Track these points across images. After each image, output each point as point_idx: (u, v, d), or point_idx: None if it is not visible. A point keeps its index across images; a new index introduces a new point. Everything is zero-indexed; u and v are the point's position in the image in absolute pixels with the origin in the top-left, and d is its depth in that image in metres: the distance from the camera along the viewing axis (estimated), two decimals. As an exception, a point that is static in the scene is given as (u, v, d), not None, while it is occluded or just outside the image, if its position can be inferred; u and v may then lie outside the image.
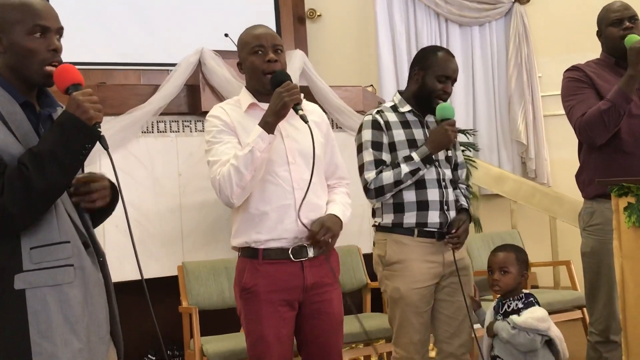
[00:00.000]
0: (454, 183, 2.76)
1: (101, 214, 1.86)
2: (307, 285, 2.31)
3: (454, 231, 2.63)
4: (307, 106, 2.39)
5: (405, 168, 2.59)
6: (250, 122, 2.31)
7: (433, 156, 2.61)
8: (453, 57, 2.73)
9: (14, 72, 1.74)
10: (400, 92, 2.79)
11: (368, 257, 4.38)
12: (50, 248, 1.66)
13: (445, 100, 2.67)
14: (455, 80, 2.71)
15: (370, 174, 2.63)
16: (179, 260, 3.82)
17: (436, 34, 6.12)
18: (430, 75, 2.66)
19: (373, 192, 2.63)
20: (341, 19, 6.36)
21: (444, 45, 6.07)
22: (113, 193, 1.84)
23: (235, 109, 2.36)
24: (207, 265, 3.73)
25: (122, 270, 3.39)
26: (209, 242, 3.97)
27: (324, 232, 2.28)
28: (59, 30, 1.76)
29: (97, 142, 1.69)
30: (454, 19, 6.14)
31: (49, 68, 1.71)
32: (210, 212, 3.97)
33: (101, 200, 1.78)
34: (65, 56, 1.79)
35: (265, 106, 2.30)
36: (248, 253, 2.32)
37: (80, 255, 1.70)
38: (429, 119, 2.75)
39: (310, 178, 2.24)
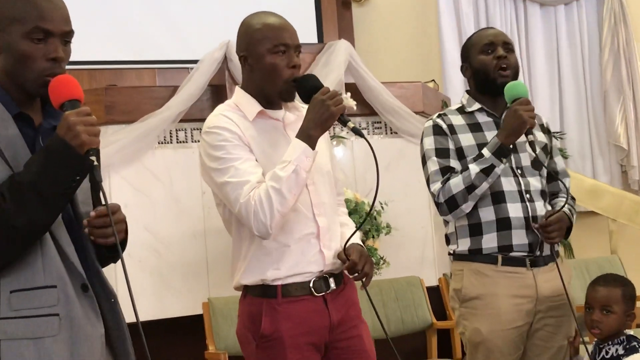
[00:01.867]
0: (548, 195, 2.71)
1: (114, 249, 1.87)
2: (334, 323, 2.34)
3: (545, 218, 2.58)
4: (298, 109, 2.41)
5: (475, 168, 2.56)
6: (261, 135, 2.31)
7: (508, 154, 2.56)
8: (491, 27, 2.80)
9: (10, 78, 1.77)
10: (468, 92, 2.80)
11: (432, 291, 4.37)
12: (32, 293, 1.68)
13: (507, 72, 2.65)
14: (506, 43, 2.70)
15: (437, 185, 2.63)
16: (204, 296, 3.85)
17: (512, 17, 6.06)
18: (475, 56, 2.70)
19: (444, 205, 2.62)
20: (395, 1, 6.36)
21: (523, 30, 6.03)
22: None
23: (239, 118, 2.33)
24: (237, 301, 3.73)
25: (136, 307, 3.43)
26: (239, 274, 3.99)
27: (364, 262, 2.32)
28: (66, 35, 1.77)
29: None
30: (534, -2, 6.08)
31: (47, 79, 1.73)
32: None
33: (113, 238, 1.77)
34: (70, 55, 1.82)
35: (275, 115, 2.34)
36: (261, 292, 2.32)
37: (69, 302, 1.71)
38: None
39: (372, 204, 2.30)
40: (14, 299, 1.66)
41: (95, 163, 1.67)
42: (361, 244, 2.42)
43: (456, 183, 2.58)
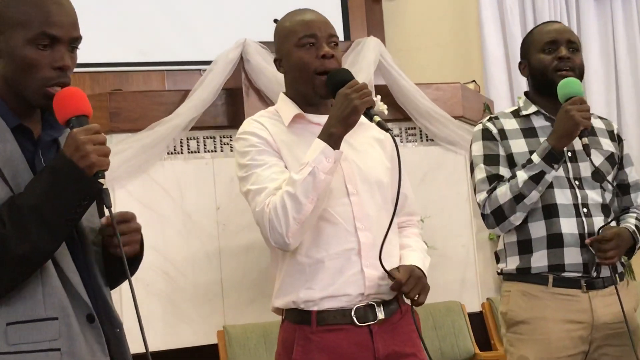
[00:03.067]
0: (613, 211, 2.68)
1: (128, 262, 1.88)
2: (380, 359, 2.28)
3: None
4: (364, 118, 2.37)
5: (523, 175, 2.55)
6: (296, 140, 2.32)
7: (560, 159, 2.54)
8: (556, 21, 2.79)
9: (10, 85, 1.78)
10: (526, 93, 2.81)
11: (475, 318, 4.34)
12: (31, 325, 1.68)
13: (569, 73, 2.64)
14: (571, 42, 2.69)
15: (482, 195, 2.63)
16: (219, 323, 3.87)
17: (562, 9, 6.05)
18: (534, 54, 2.70)
19: (491, 217, 2.62)
20: (430, -7, 6.37)
21: (574, 25, 6.01)
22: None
23: (275, 123, 2.36)
24: (255, 329, 3.76)
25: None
26: (258, 298, 4.00)
27: (413, 283, 2.25)
28: (73, 41, 1.79)
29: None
30: (587, -11, 6.07)
31: (51, 89, 1.74)
32: (259, 258, 4.00)
33: (128, 246, 1.80)
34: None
35: (314, 118, 2.32)
36: (296, 317, 2.31)
37: (72, 336, 1.71)
38: None
39: (392, 217, 2.22)
40: (11, 332, 1.67)
41: (105, 186, 1.68)
42: (419, 265, 2.32)
43: (503, 192, 2.58)
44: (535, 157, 2.55)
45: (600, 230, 2.59)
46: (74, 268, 1.76)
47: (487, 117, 2.77)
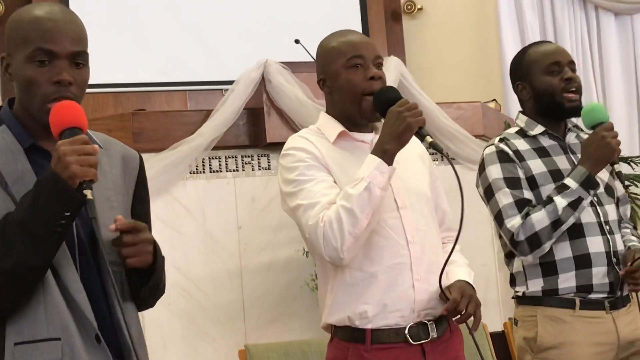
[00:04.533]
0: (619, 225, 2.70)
1: (143, 282, 1.86)
2: None
3: (630, 264, 2.54)
4: None
5: (561, 201, 2.52)
6: (344, 156, 2.32)
7: (596, 185, 2.54)
8: (548, 42, 2.80)
9: (23, 106, 1.81)
10: (523, 112, 2.78)
11: (497, 338, 4.30)
12: (35, 346, 1.69)
13: (576, 96, 2.64)
14: (572, 62, 2.69)
15: (515, 221, 2.58)
16: (241, 342, 3.85)
17: (583, 28, 6.04)
18: (537, 76, 2.68)
19: (525, 244, 2.57)
20: (450, 12, 6.38)
21: (595, 42, 5.99)
22: (156, 258, 1.85)
23: (320, 139, 2.37)
24: (278, 349, 3.74)
25: (165, 356, 3.45)
26: (279, 318, 4.00)
27: (467, 301, 2.25)
28: (75, 56, 1.79)
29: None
30: (607, 6, 6.05)
31: (50, 105, 1.75)
32: (280, 277, 4.00)
33: (137, 259, 1.79)
34: (91, 77, 1.85)
35: (359, 136, 2.34)
36: (349, 335, 2.29)
37: (75, 356, 1.70)
38: (572, 140, 2.71)
39: (457, 237, 2.22)
40: (18, 352, 1.68)
41: (90, 197, 1.66)
42: (468, 280, 2.34)
43: (539, 218, 2.54)
44: (572, 183, 2.53)
45: (620, 256, 2.58)
46: (80, 287, 1.75)
47: (497, 139, 2.72)
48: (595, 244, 2.57)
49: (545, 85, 2.66)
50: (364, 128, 2.36)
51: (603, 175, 2.64)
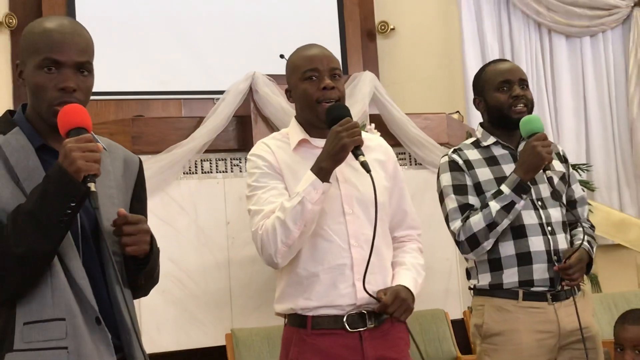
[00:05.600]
0: (569, 225, 2.70)
1: (140, 269, 1.86)
2: None
3: (564, 260, 2.56)
4: (369, 141, 2.37)
5: (495, 205, 2.54)
6: (299, 163, 2.31)
7: (528, 190, 2.55)
8: (505, 60, 2.79)
9: (33, 109, 1.83)
10: (481, 124, 2.80)
11: (457, 324, 4.32)
12: (42, 325, 1.69)
13: (524, 108, 2.65)
14: (523, 80, 2.70)
15: (457, 223, 2.61)
16: (228, 326, 3.85)
17: (537, 49, 6.07)
18: (490, 92, 2.69)
19: (465, 244, 2.59)
20: (419, 32, 6.40)
21: (548, 62, 6.03)
22: (152, 248, 1.86)
23: (282, 145, 2.37)
24: (261, 332, 3.74)
25: (159, 339, 3.44)
26: (263, 305, 3.99)
27: (397, 305, 2.24)
28: (80, 66, 1.80)
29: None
30: (560, 29, 6.09)
31: (58, 108, 1.76)
32: (265, 268, 3.99)
33: (135, 248, 1.79)
34: (95, 85, 1.86)
35: (318, 143, 2.31)
36: (295, 321, 2.31)
37: (77, 336, 1.71)
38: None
39: (373, 236, 2.18)
40: (27, 331, 1.69)
41: (93, 189, 1.67)
42: (407, 284, 2.31)
43: (476, 221, 2.56)
44: (505, 189, 2.54)
45: (562, 254, 2.59)
46: (84, 274, 1.76)
47: (452, 150, 2.74)
48: (536, 243, 2.58)
49: (495, 101, 2.68)
50: (326, 133, 2.31)
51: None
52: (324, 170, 2.18)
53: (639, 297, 4.47)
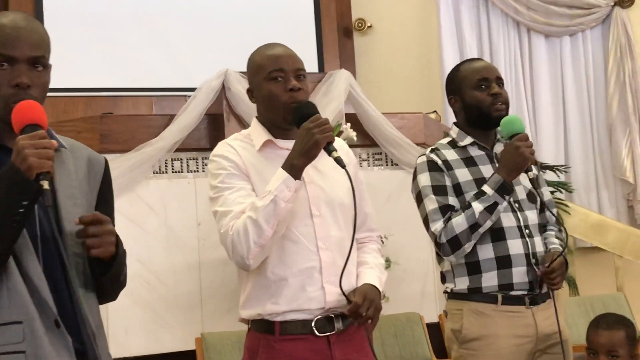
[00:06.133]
0: (542, 228, 2.71)
1: (104, 272, 1.83)
2: None
3: (547, 265, 2.56)
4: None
5: (478, 206, 2.53)
6: (265, 164, 2.29)
7: (511, 191, 2.56)
8: (479, 59, 2.80)
9: None
10: (456, 124, 2.79)
11: (433, 328, 4.33)
12: None
13: (502, 107, 2.66)
14: (499, 78, 2.70)
15: (438, 225, 2.59)
16: (198, 330, 3.83)
17: (516, 48, 6.10)
18: (466, 91, 2.69)
19: (446, 246, 2.58)
20: (397, 30, 6.41)
21: (527, 61, 6.07)
22: (118, 250, 1.82)
23: (246, 147, 2.34)
24: (232, 337, 3.72)
25: (126, 343, 3.42)
26: (234, 308, 3.93)
27: (368, 305, 2.23)
28: (33, 60, 1.78)
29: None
30: (539, 29, 6.12)
31: (12, 105, 1.73)
32: (235, 271, 3.96)
33: (100, 250, 1.76)
34: (64, 82, 1.83)
35: (284, 144, 2.30)
36: (261, 327, 2.28)
37: (36, 339, 1.68)
38: (499, 150, 2.69)
39: (352, 239, 2.19)
40: None
41: (46, 187, 1.65)
42: (374, 284, 2.31)
43: (459, 222, 2.55)
44: (488, 189, 2.54)
45: (539, 257, 2.60)
46: (41, 275, 1.72)
47: (429, 149, 2.72)
48: (515, 247, 2.58)
49: (474, 100, 2.67)
50: (290, 134, 2.30)
51: (526, 183, 2.65)
52: (295, 167, 2.17)
53: (617, 300, 4.51)
